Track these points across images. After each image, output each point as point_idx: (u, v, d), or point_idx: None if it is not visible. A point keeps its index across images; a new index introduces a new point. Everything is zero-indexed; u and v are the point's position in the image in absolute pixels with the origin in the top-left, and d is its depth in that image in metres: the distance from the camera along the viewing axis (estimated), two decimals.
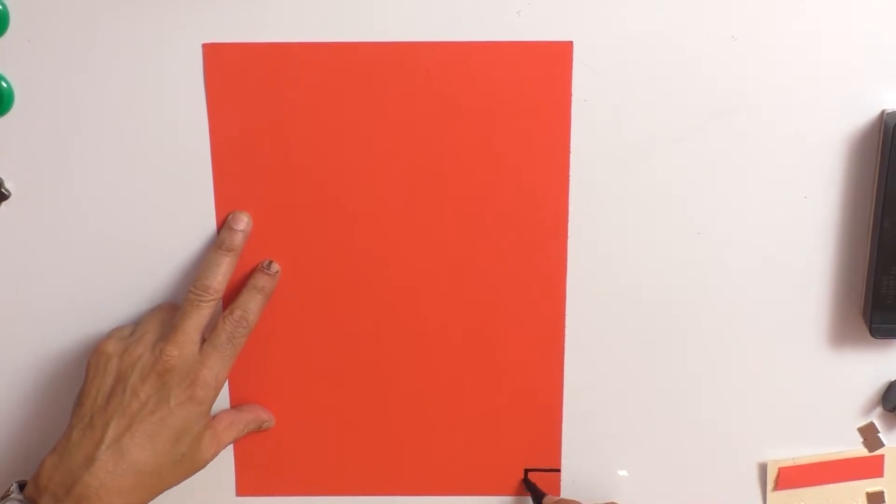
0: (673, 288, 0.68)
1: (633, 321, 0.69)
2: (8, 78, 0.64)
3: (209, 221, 0.67)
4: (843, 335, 0.69)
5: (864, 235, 0.66)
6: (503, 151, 0.65)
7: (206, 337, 0.65)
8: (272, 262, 0.67)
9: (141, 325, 0.66)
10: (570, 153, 0.65)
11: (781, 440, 0.71)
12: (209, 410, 0.65)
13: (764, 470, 0.72)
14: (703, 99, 0.64)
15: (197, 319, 0.64)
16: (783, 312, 0.68)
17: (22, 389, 0.70)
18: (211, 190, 0.66)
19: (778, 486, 0.72)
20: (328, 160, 0.66)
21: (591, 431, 0.71)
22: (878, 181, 0.64)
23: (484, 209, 0.67)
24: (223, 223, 0.67)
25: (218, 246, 0.66)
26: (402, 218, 0.67)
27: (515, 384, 0.70)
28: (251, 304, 0.66)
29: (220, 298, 0.65)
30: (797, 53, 0.63)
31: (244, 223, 0.66)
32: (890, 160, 0.63)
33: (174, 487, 0.64)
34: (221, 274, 0.65)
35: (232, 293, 0.67)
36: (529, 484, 0.72)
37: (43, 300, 0.68)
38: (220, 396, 0.65)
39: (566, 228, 0.67)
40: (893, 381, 0.69)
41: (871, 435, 0.70)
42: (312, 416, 0.71)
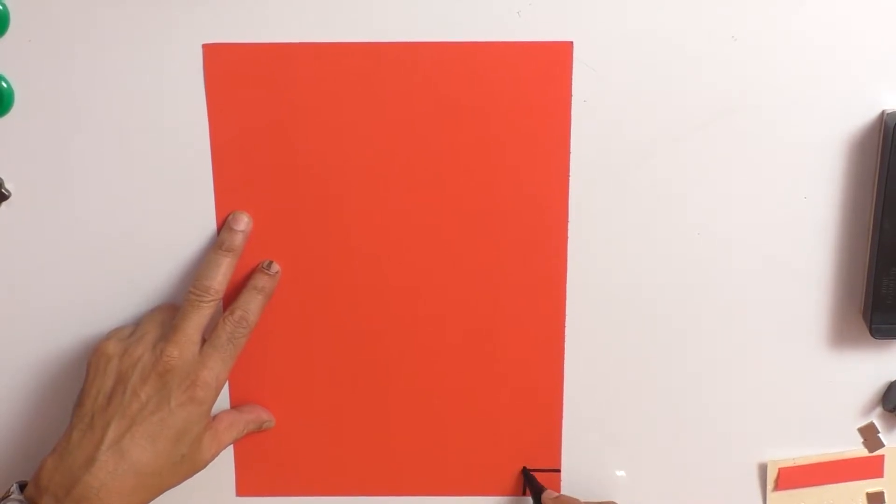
0: (673, 288, 0.68)
1: (633, 321, 0.69)
2: (8, 78, 0.64)
3: (209, 221, 0.67)
4: (843, 335, 0.69)
5: (864, 235, 0.66)
6: (503, 151, 0.65)
7: (206, 337, 0.65)
8: (272, 262, 0.67)
9: (141, 325, 0.66)
10: (570, 153, 0.65)
11: (781, 440, 0.71)
12: (209, 411, 0.65)
13: (764, 470, 0.72)
14: (703, 99, 0.64)
15: (197, 320, 0.64)
16: (783, 312, 0.68)
17: (22, 389, 0.70)
18: (211, 190, 0.66)
19: (778, 486, 0.72)
20: (328, 160, 0.66)
21: (591, 431, 0.71)
22: (878, 181, 0.64)
23: (484, 209, 0.67)
24: (223, 223, 0.67)
25: (218, 246, 0.66)
26: (402, 218, 0.67)
27: (515, 384, 0.70)
28: (251, 304, 0.66)
29: (220, 299, 0.65)
30: (797, 53, 0.63)
31: (244, 223, 0.66)
32: (890, 160, 0.63)
33: (174, 488, 0.64)
34: (221, 274, 0.65)
35: (232, 293, 0.67)
36: (529, 477, 0.71)
37: (43, 300, 0.68)
38: (220, 397, 0.65)
39: (566, 228, 0.67)
40: (893, 381, 0.69)
41: (871, 435, 0.70)
42: (312, 416, 0.71)
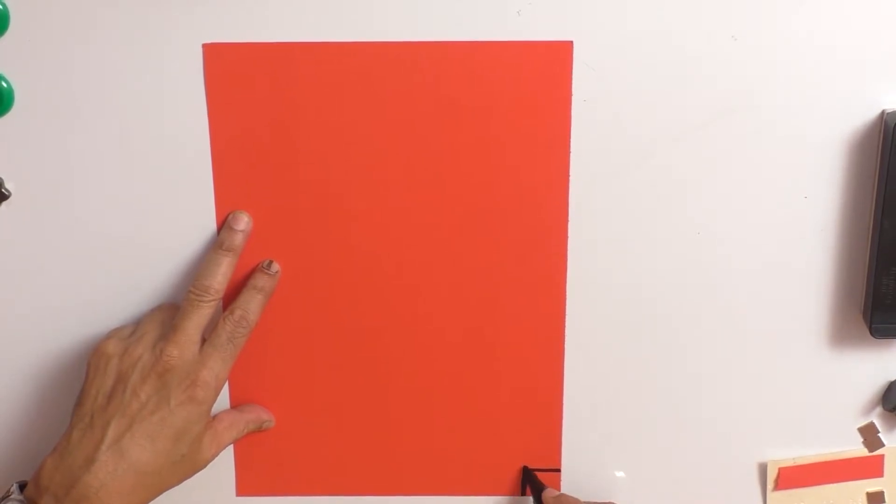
0: (673, 288, 0.68)
1: (633, 321, 0.69)
2: (8, 78, 0.64)
3: (209, 221, 0.67)
4: (843, 335, 0.69)
5: (864, 235, 0.66)
6: (503, 151, 0.65)
7: (206, 337, 0.65)
8: (272, 262, 0.67)
9: (141, 325, 0.66)
10: (570, 153, 0.65)
11: (781, 440, 0.71)
12: (209, 411, 0.65)
13: (764, 470, 0.72)
14: (703, 99, 0.64)
15: (197, 319, 0.64)
16: (783, 312, 0.68)
17: (22, 389, 0.70)
18: (211, 190, 0.66)
19: (778, 486, 0.72)
20: (328, 160, 0.66)
21: (591, 431, 0.71)
22: (878, 181, 0.64)
23: (484, 209, 0.67)
24: (223, 223, 0.67)
25: (218, 246, 0.66)
26: (402, 218, 0.67)
27: (515, 384, 0.70)
28: (251, 304, 0.66)
29: (220, 298, 0.65)
30: (797, 53, 0.63)
31: (244, 223, 0.66)
32: (890, 160, 0.63)
33: (174, 488, 0.64)
34: (221, 274, 0.65)
35: (232, 293, 0.67)
36: (530, 475, 0.71)
37: (43, 300, 0.68)
38: (220, 396, 0.65)
39: (566, 228, 0.67)
40: (893, 381, 0.69)
41: (871, 435, 0.70)
42: (312, 416, 0.71)
